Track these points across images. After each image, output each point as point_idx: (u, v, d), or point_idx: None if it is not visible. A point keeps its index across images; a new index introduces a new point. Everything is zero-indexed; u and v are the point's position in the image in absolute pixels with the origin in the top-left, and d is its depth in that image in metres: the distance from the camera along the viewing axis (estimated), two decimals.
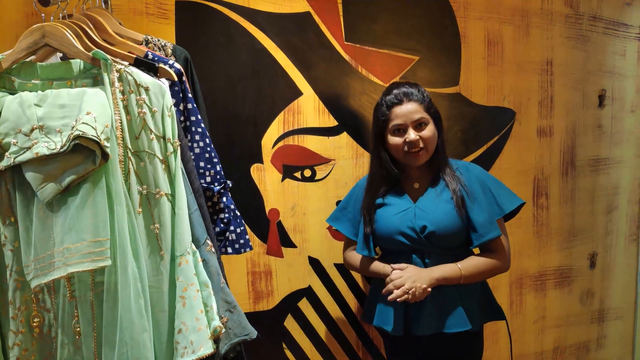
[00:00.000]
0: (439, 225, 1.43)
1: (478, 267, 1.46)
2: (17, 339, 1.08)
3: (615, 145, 2.29)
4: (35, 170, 1.00)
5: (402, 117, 1.44)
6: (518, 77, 2.07)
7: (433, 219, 1.44)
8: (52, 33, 1.08)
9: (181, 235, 1.11)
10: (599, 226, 2.30)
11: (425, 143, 1.44)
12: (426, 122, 1.45)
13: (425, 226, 1.43)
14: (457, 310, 1.44)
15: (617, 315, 2.41)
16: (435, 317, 1.44)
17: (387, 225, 1.48)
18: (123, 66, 1.09)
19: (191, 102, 1.28)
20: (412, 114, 1.43)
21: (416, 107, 1.44)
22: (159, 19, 1.65)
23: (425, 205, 1.47)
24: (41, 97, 1.04)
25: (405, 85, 1.48)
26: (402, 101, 1.44)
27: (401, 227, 1.46)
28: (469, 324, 1.44)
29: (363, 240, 1.54)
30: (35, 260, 1.01)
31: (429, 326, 1.44)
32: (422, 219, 1.45)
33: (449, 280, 1.42)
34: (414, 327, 1.45)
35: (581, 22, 2.15)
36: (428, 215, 1.45)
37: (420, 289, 1.37)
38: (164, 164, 1.11)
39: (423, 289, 1.38)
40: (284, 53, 1.78)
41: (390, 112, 1.45)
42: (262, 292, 1.84)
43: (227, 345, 1.16)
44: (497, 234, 1.45)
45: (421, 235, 1.44)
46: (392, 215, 1.49)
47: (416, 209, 1.48)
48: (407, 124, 1.44)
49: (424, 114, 1.45)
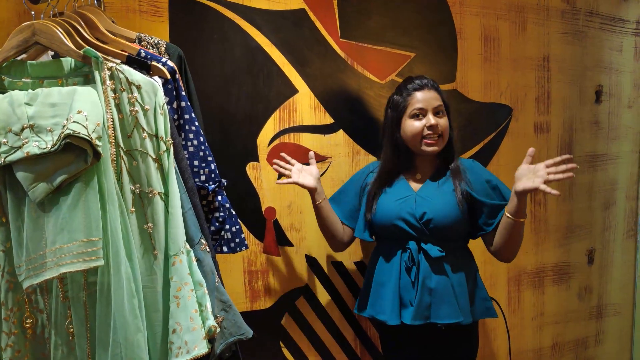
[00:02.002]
0: (438, 213, 1.46)
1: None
2: (9, 340, 1.07)
3: (612, 141, 2.29)
4: (26, 169, 0.99)
5: (423, 101, 1.48)
6: (515, 73, 2.06)
7: (433, 207, 1.47)
8: (42, 31, 1.07)
9: (175, 234, 1.10)
10: (597, 222, 2.30)
11: (442, 131, 1.50)
12: (443, 111, 1.52)
13: (425, 212, 1.46)
14: (449, 302, 1.45)
15: (616, 311, 2.40)
16: (426, 307, 1.46)
17: (387, 211, 1.51)
18: (115, 64, 1.08)
19: (185, 100, 1.27)
20: (433, 100, 1.49)
21: (436, 95, 1.50)
22: (153, 17, 1.63)
23: (426, 194, 1.51)
24: (32, 95, 1.03)
25: (424, 77, 1.54)
26: (423, 87, 1.50)
27: (401, 213, 1.49)
28: (461, 316, 1.45)
29: (364, 224, 1.58)
30: (27, 261, 1.00)
31: (421, 315, 1.45)
32: (422, 206, 1.48)
33: (523, 207, 1.38)
34: (405, 316, 1.47)
35: (578, 18, 2.14)
36: (428, 204, 1.48)
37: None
38: (156, 162, 1.10)
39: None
40: (279, 50, 1.77)
41: (412, 97, 1.50)
42: (259, 291, 1.84)
43: (223, 345, 1.16)
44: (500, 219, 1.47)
45: (420, 222, 1.46)
46: (393, 202, 1.52)
47: (417, 196, 1.51)
48: (427, 109, 1.48)
49: (442, 103, 1.51)
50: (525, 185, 1.33)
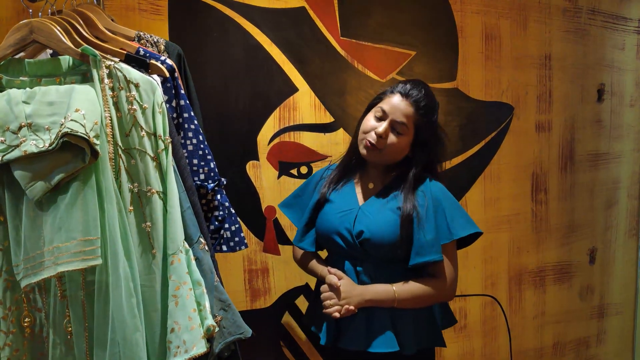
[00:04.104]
0: (375, 232, 1.32)
1: (413, 293, 1.32)
2: (8, 339, 1.07)
3: (614, 140, 2.28)
4: (24, 168, 0.98)
5: (392, 107, 1.32)
6: (516, 71, 2.05)
7: (371, 226, 1.33)
8: (40, 29, 1.06)
9: (173, 233, 1.09)
10: (599, 221, 2.29)
11: (386, 147, 1.32)
12: (404, 132, 1.33)
13: (362, 231, 1.33)
14: (386, 331, 1.32)
15: (617, 310, 2.39)
16: (362, 333, 1.33)
17: (327, 223, 1.39)
18: (113, 62, 1.07)
19: (184, 98, 1.27)
20: (400, 114, 1.31)
21: (409, 112, 1.31)
22: (152, 15, 1.63)
23: (369, 210, 1.36)
24: (29, 94, 1.02)
25: (419, 88, 1.35)
26: (406, 97, 1.33)
27: (339, 228, 1.36)
28: (396, 346, 1.31)
29: (302, 231, 1.45)
30: (25, 260, 0.99)
31: (356, 341, 1.34)
32: (361, 223, 1.34)
33: (381, 303, 1.31)
34: (341, 339, 1.37)
35: (580, 16, 2.13)
36: (368, 221, 1.34)
37: (345, 310, 1.29)
38: (155, 161, 1.09)
39: (349, 310, 1.29)
40: (279, 49, 1.76)
41: (389, 97, 1.35)
42: (259, 290, 1.83)
43: (221, 344, 1.15)
44: (437, 257, 1.31)
45: (356, 240, 1.33)
46: (335, 213, 1.39)
47: (359, 211, 1.37)
48: (388, 117, 1.32)
49: (410, 124, 1.32)
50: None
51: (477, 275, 2.08)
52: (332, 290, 1.33)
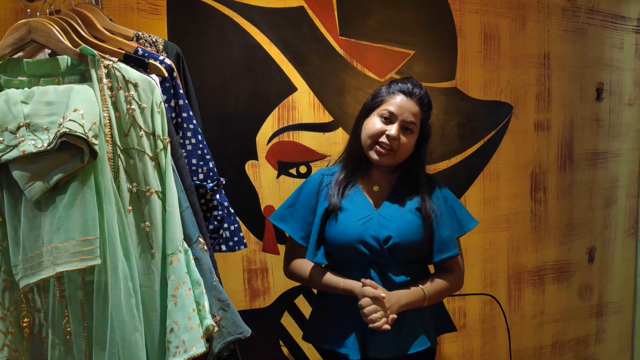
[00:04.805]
0: (403, 236, 1.33)
1: (438, 289, 1.38)
2: (6, 339, 1.07)
3: (613, 139, 2.28)
4: (22, 168, 0.98)
5: (399, 108, 1.33)
6: (515, 70, 2.05)
7: (397, 230, 1.33)
8: (38, 29, 1.06)
9: (172, 233, 1.09)
10: (598, 220, 2.29)
11: (400, 148, 1.34)
12: (413, 131, 1.36)
13: (390, 236, 1.32)
14: (416, 330, 1.36)
15: (616, 309, 2.40)
16: (395, 339, 1.34)
17: (348, 232, 1.34)
18: (111, 62, 1.07)
19: (182, 98, 1.27)
20: (409, 114, 1.33)
21: (416, 111, 1.34)
22: (151, 15, 1.63)
23: (389, 214, 1.36)
24: (28, 94, 1.02)
25: (420, 87, 1.38)
26: (410, 95, 1.34)
27: (364, 235, 1.33)
28: (428, 342, 1.36)
29: (316, 245, 1.38)
30: (24, 260, 0.99)
31: (390, 348, 1.33)
32: (386, 228, 1.34)
33: (414, 304, 1.34)
34: (372, 349, 1.33)
35: (578, 15, 2.13)
36: (392, 225, 1.34)
37: (392, 320, 1.28)
38: (154, 161, 1.09)
39: (394, 319, 1.29)
40: (278, 48, 1.76)
41: (392, 97, 1.35)
42: (258, 289, 1.83)
43: (221, 344, 1.15)
44: (456, 252, 1.39)
45: (384, 246, 1.32)
46: (354, 222, 1.35)
47: (379, 216, 1.36)
48: (397, 117, 1.33)
49: (417, 122, 1.36)
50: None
51: (476, 274, 2.08)
52: (375, 302, 1.29)
